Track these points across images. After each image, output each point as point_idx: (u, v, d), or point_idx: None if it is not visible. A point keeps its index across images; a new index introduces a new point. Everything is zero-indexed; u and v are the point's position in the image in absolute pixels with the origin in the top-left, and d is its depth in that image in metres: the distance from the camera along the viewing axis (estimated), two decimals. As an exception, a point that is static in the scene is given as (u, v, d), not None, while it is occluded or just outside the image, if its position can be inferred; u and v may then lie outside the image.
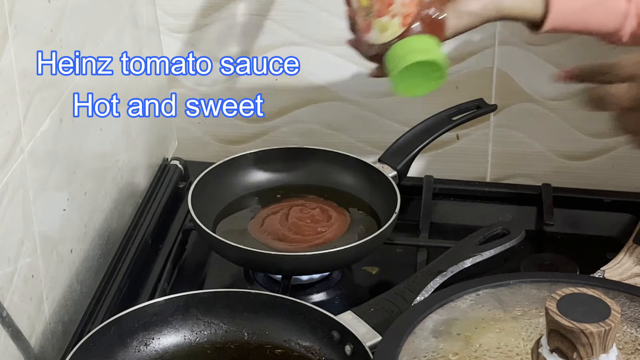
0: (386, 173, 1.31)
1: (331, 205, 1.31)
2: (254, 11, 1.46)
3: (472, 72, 1.45)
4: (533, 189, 1.39)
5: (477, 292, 1.01)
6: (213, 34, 1.47)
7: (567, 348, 0.83)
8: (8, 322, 0.99)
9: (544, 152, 1.50)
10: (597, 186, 1.45)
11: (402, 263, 1.27)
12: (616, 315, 0.83)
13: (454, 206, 1.39)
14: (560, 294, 0.85)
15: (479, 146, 1.51)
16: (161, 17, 1.47)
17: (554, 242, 1.32)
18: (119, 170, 1.31)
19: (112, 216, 1.28)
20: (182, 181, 1.44)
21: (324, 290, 1.23)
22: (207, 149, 1.55)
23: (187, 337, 1.10)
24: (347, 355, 1.04)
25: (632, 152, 1.47)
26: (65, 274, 1.14)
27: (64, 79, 1.11)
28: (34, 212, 1.04)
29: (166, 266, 1.25)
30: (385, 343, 0.95)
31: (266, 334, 1.10)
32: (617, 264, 1.19)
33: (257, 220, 1.28)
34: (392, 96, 1.48)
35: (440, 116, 1.36)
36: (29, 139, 1.02)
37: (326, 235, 1.25)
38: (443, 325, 0.96)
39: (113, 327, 1.06)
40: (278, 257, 1.18)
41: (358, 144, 1.52)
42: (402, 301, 1.11)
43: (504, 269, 1.22)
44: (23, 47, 1.00)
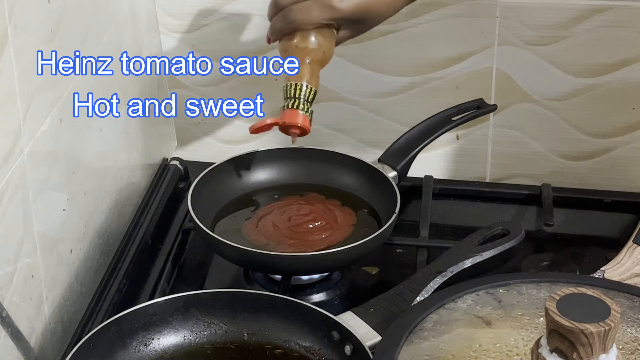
0: (386, 173, 1.31)
1: (335, 204, 1.31)
2: (254, 11, 1.46)
3: (472, 72, 1.45)
4: (533, 189, 1.39)
5: (477, 292, 1.01)
6: (213, 34, 1.47)
7: (567, 348, 0.83)
8: (8, 322, 0.99)
9: (544, 152, 1.50)
10: (597, 186, 1.45)
11: (402, 263, 1.27)
12: (616, 315, 0.83)
13: (454, 206, 1.39)
14: (560, 294, 0.85)
15: (479, 146, 1.51)
16: (161, 17, 1.47)
17: (554, 242, 1.32)
18: (119, 170, 1.31)
19: (112, 216, 1.28)
20: (182, 181, 1.44)
21: (324, 291, 1.23)
22: (207, 149, 1.55)
23: (187, 337, 1.10)
24: (347, 355, 1.04)
25: (632, 152, 1.48)
26: (65, 274, 1.14)
27: (64, 79, 1.11)
28: (34, 212, 1.04)
29: (166, 266, 1.25)
30: (385, 343, 0.95)
31: (266, 334, 1.10)
32: (617, 264, 1.19)
33: (252, 221, 1.28)
34: (392, 96, 1.48)
35: (440, 116, 1.36)
36: (29, 139, 1.02)
37: (328, 240, 1.24)
38: (443, 325, 0.96)
39: (113, 327, 1.06)
40: (278, 257, 1.18)
41: (358, 144, 1.52)
42: (402, 301, 1.11)
43: (504, 269, 1.22)
44: (23, 47, 1.00)
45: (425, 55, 1.45)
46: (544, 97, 1.46)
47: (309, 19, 1.13)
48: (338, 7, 1.12)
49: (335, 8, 1.12)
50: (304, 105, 1.18)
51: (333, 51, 1.20)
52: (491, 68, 1.45)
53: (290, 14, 1.13)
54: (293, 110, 1.18)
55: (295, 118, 1.19)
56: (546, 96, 1.46)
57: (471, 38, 1.43)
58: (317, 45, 1.18)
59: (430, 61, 1.45)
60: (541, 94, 1.46)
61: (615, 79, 1.43)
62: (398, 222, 1.23)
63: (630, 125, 1.46)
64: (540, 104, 1.46)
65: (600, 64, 1.43)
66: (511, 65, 1.45)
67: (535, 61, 1.44)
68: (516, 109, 1.47)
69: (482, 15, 1.41)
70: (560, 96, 1.46)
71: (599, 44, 1.41)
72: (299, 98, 1.18)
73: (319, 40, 1.18)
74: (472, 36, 1.43)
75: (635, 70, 1.42)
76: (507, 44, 1.43)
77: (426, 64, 1.46)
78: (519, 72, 1.45)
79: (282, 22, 1.15)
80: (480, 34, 1.43)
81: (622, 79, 1.43)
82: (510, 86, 1.46)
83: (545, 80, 1.44)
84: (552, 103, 1.46)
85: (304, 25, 1.14)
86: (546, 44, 1.42)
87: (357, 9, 1.12)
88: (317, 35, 1.17)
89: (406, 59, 1.45)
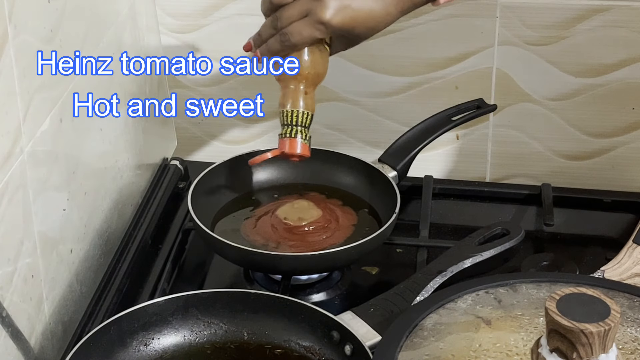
0: (386, 173, 1.31)
1: (336, 204, 1.31)
2: (254, 11, 1.45)
3: (472, 72, 1.45)
4: (533, 189, 1.39)
5: (477, 292, 1.01)
6: (213, 34, 1.47)
7: (567, 348, 0.83)
8: (8, 322, 0.99)
9: (543, 152, 1.50)
10: (597, 186, 1.45)
11: (402, 263, 1.27)
12: (616, 315, 0.83)
13: (453, 206, 1.39)
14: (560, 293, 0.85)
15: (479, 146, 1.51)
16: (161, 17, 1.47)
17: (554, 242, 1.32)
18: (119, 170, 1.30)
19: (112, 216, 1.28)
20: (182, 181, 1.44)
21: (323, 290, 1.23)
22: (207, 149, 1.55)
23: (187, 337, 1.10)
24: (347, 355, 1.04)
25: (632, 152, 1.48)
26: (65, 274, 1.14)
27: (64, 79, 1.11)
28: (34, 212, 1.04)
29: (166, 266, 1.25)
30: (385, 343, 0.95)
31: (266, 334, 1.10)
32: (617, 264, 1.19)
33: (251, 221, 1.28)
34: (392, 96, 1.48)
35: (440, 116, 1.36)
36: (29, 139, 1.02)
37: (329, 241, 1.24)
38: (443, 325, 0.96)
39: (113, 327, 1.06)
40: (278, 257, 1.18)
41: (358, 144, 1.52)
42: (402, 301, 1.11)
43: (504, 269, 1.22)
44: (23, 47, 1.00)
45: (425, 55, 1.45)
46: (544, 97, 1.46)
47: (302, 39, 1.15)
48: (329, 23, 1.13)
49: (326, 23, 1.13)
50: (302, 132, 1.20)
51: (327, 68, 1.21)
52: (491, 68, 1.45)
53: (285, 37, 1.15)
54: (292, 139, 1.20)
55: (294, 148, 1.20)
56: (546, 96, 1.46)
57: (471, 38, 1.43)
58: (311, 66, 1.18)
59: (430, 61, 1.46)
60: (541, 94, 1.46)
61: (615, 79, 1.43)
62: (398, 222, 1.23)
63: (630, 125, 1.46)
64: (540, 104, 1.46)
65: (600, 64, 1.43)
66: (511, 65, 1.45)
67: (535, 61, 1.44)
68: (516, 109, 1.47)
69: (482, 15, 1.41)
70: (560, 96, 1.46)
71: (599, 44, 1.41)
72: (296, 125, 1.19)
73: (313, 59, 1.18)
74: (472, 36, 1.43)
75: (635, 70, 1.42)
76: (507, 44, 1.43)
77: (426, 64, 1.46)
78: (519, 72, 1.45)
79: (279, 45, 1.17)
80: (480, 34, 1.43)
81: (622, 79, 1.43)
82: (510, 86, 1.46)
83: (545, 80, 1.44)
84: (552, 103, 1.46)
85: (300, 46, 1.16)
86: (546, 44, 1.42)
87: (347, 23, 1.14)
88: (310, 54, 1.18)
89: (406, 59, 1.45)
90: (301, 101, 1.19)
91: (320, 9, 1.13)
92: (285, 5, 1.15)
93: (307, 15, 1.14)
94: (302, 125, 1.19)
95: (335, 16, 1.13)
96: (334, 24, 1.13)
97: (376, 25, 1.16)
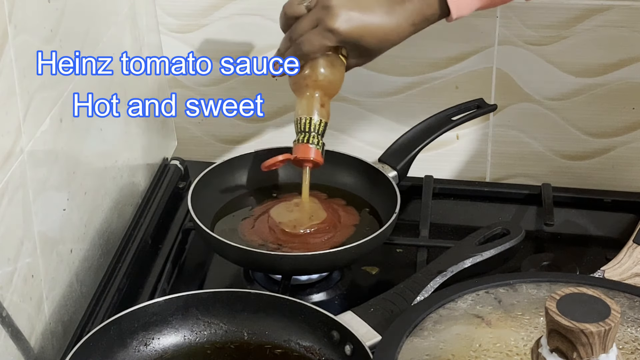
0: (386, 173, 1.31)
1: (339, 204, 1.31)
2: (254, 11, 1.46)
3: (472, 72, 1.45)
4: (533, 189, 1.39)
5: (477, 292, 1.01)
6: (213, 34, 1.47)
7: (567, 348, 0.83)
8: (8, 322, 0.99)
9: (543, 152, 1.50)
10: (597, 186, 1.45)
11: (402, 263, 1.27)
12: (616, 315, 0.83)
13: (454, 206, 1.39)
14: (560, 293, 0.85)
15: (479, 146, 1.51)
16: (161, 17, 1.47)
17: (554, 242, 1.32)
18: (119, 170, 1.30)
19: (112, 216, 1.28)
20: (182, 181, 1.44)
21: (323, 290, 1.23)
22: (207, 149, 1.55)
23: (187, 337, 1.10)
24: (347, 355, 1.04)
25: (632, 152, 1.48)
26: (65, 274, 1.14)
27: (64, 79, 1.11)
28: (34, 212, 1.04)
29: (166, 266, 1.25)
30: (385, 343, 0.95)
31: (266, 334, 1.10)
32: (617, 264, 1.19)
33: (249, 221, 1.28)
34: (392, 96, 1.48)
35: (440, 116, 1.36)
36: (29, 139, 1.02)
37: (330, 242, 1.24)
38: (443, 325, 0.96)
39: (113, 327, 1.06)
40: (278, 257, 1.18)
41: (358, 144, 1.52)
42: (402, 301, 1.11)
43: (504, 269, 1.22)
44: (23, 47, 1.00)
45: (425, 55, 1.45)
46: (544, 97, 1.46)
47: (313, 48, 1.18)
48: (337, 30, 1.16)
49: (334, 31, 1.16)
50: (315, 139, 1.21)
51: (342, 79, 1.23)
52: (491, 68, 1.45)
53: (297, 47, 1.19)
54: (305, 145, 1.22)
55: (307, 153, 1.22)
56: (546, 96, 1.46)
57: (471, 38, 1.43)
58: (326, 77, 1.21)
59: (430, 61, 1.46)
60: (541, 94, 1.46)
61: (615, 79, 1.43)
62: (398, 222, 1.23)
63: (630, 125, 1.46)
64: (540, 104, 1.46)
65: (600, 64, 1.43)
66: (511, 65, 1.45)
67: (535, 61, 1.44)
68: (516, 108, 1.47)
69: (482, 15, 1.41)
70: (560, 96, 1.46)
71: (599, 44, 1.41)
72: (310, 132, 1.21)
73: (328, 71, 1.21)
74: (472, 36, 1.43)
75: (635, 70, 1.42)
76: (507, 43, 1.43)
77: (426, 64, 1.46)
78: (519, 72, 1.45)
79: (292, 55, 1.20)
80: (480, 34, 1.43)
81: (622, 79, 1.43)
82: (510, 86, 1.46)
83: (545, 80, 1.44)
84: (552, 103, 1.46)
85: (312, 55, 1.19)
86: (546, 44, 1.42)
87: (355, 32, 1.16)
88: (326, 66, 1.21)
89: (406, 59, 1.45)
90: (315, 109, 1.21)
91: (329, 17, 1.16)
92: (299, 18, 1.19)
93: (318, 24, 1.17)
94: (317, 133, 1.22)
95: (344, 24, 1.16)
96: (342, 31, 1.16)
97: (386, 37, 1.18)
